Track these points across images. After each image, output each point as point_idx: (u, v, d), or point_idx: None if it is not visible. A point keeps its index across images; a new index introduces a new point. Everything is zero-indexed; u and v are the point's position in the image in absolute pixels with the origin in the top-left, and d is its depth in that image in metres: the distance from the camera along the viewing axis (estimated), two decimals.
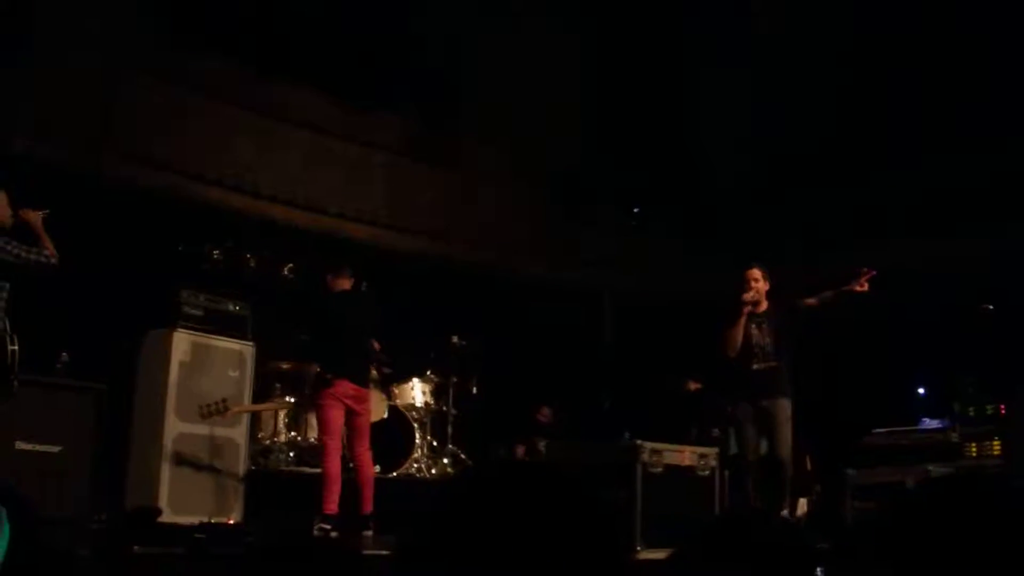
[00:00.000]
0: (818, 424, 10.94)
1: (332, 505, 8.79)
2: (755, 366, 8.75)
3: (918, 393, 12.42)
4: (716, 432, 11.63)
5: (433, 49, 14.46)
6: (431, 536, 2.03)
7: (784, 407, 8.68)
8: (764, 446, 8.94)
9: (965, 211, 12.89)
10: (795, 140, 14.42)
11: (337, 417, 9.15)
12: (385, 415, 11.17)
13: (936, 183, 13.29)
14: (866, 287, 8.56)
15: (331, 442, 9.10)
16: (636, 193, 15.58)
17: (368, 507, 9.00)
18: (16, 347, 7.05)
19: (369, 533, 8.84)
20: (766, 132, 14.94)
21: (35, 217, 7.29)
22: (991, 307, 11.31)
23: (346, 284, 9.58)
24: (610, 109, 15.45)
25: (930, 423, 11.09)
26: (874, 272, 8.55)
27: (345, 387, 9.15)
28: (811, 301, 8.83)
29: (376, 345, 10.12)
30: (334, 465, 8.99)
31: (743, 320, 8.79)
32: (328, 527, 8.71)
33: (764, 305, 8.96)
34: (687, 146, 15.66)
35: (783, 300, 8.95)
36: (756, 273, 8.95)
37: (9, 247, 7.01)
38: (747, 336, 8.81)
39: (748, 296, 8.81)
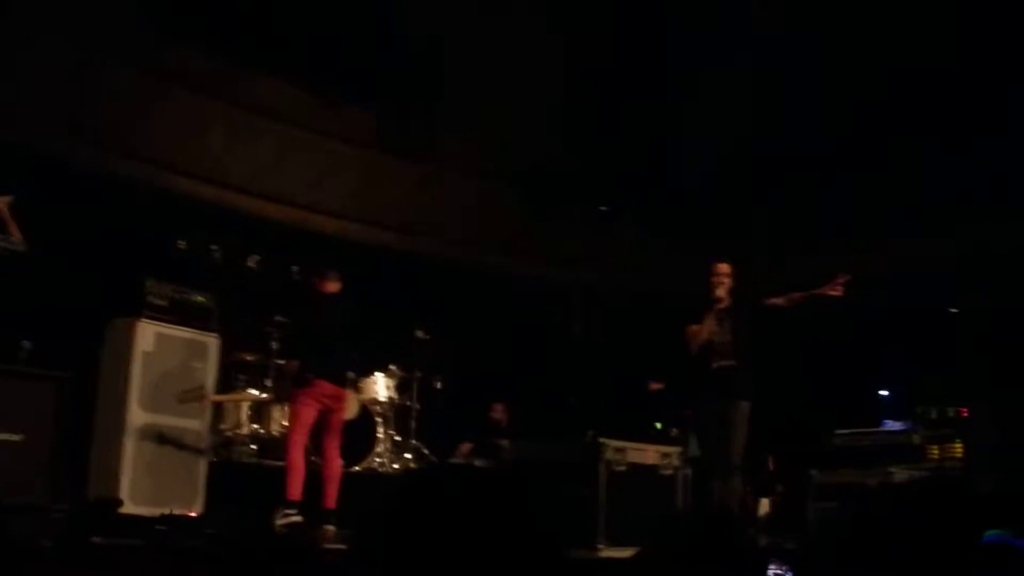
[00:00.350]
0: (781, 424, 11.00)
1: (295, 492, 8.85)
2: (714, 364, 8.69)
3: (880, 395, 12.50)
4: (675, 432, 11.68)
5: (408, 43, 14.42)
6: (380, 536, 2.05)
7: (741, 409, 8.60)
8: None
9: (928, 212, 12.94)
10: (766, 140, 14.45)
11: (309, 415, 9.20)
12: (355, 414, 11.15)
13: (897, 184, 13.35)
14: (840, 292, 8.52)
15: (297, 437, 9.16)
16: (607, 190, 15.57)
17: (331, 503, 9.01)
18: None
19: (331, 528, 8.84)
20: (738, 131, 14.97)
21: (1, 203, 7.24)
22: (954, 309, 11.43)
23: (334, 287, 9.58)
24: (583, 106, 15.43)
25: (892, 425, 11.18)
26: (850, 278, 8.52)
27: (323, 387, 9.20)
28: (777, 300, 8.77)
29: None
30: (298, 456, 9.05)
31: (710, 315, 8.74)
32: (292, 512, 8.73)
33: (726, 301, 8.87)
34: (659, 144, 15.66)
35: (746, 298, 8.89)
36: (724, 268, 8.90)
37: None
38: (708, 333, 8.76)
39: (720, 291, 8.76)
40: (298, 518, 8.74)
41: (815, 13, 13.73)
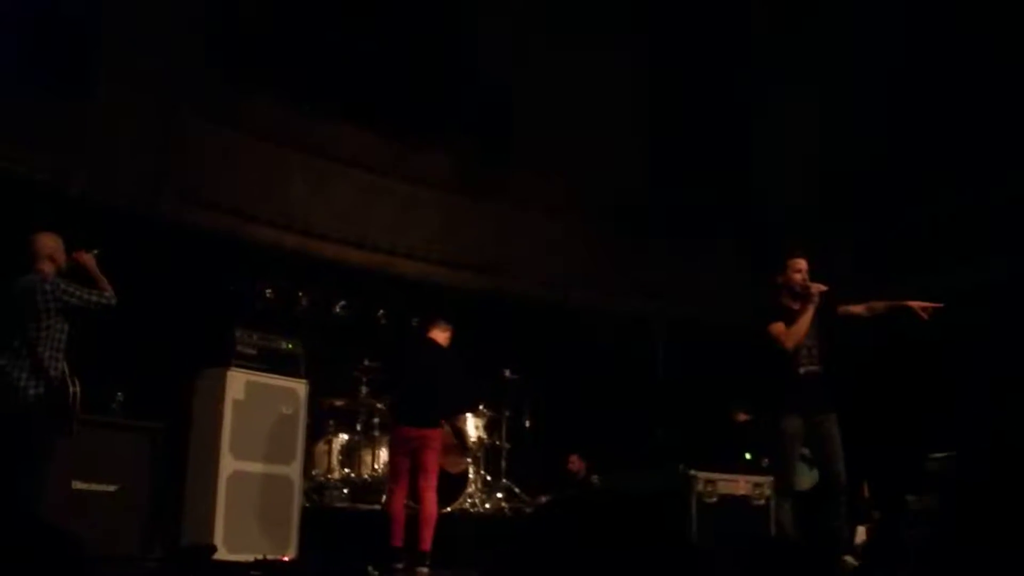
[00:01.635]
0: (875, 447, 10.82)
1: (393, 539, 8.98)
2: (801, 370, 7.93)
3: None
4: (766, 463, 11.53)
5: (483, 82, 14.55)
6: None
7: (835, 421, 7.91)
8: (813, 473, 8.50)
9: (1012, 239, 12.76)
10: (850, 169, 14.36)
11: (397, 462, 9.41)
12: (463, 468, 11.19)
13: (982, 211, 13.18)
14: (926, 316, 8.02)
15: (391, 483, 9.43)
16: (689, 223, 15.51)
17: (426, 545, 9.02)
18: (78, 389, 7.14)
19: (425, 570, 8.85)
20: (824, 162, 14.90)
21: (89, 259, 7.39)
22: None
23: (438, 335, 9.69)
24: (664, 137, 15.44)
25: None
26: (941, 306, 8.03)
27: (403, 432, 9.36)
28: (856, 309, 8.14)
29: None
30: (390, 505, 9.23)
31: (812, 308, 7.88)
32: (393, 561, 8.81)
33: (817, 300, 8.03)
34: (742, 174, 15.61)
35: (826, 302, 8.00)
36: (803, 264, 8.14)
37: (71, 290, 7.10)
38: (806, 329, 7.94)
39: (817, 286, 7.90)
40: (399, 565, 8.80)
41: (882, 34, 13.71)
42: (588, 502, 2.10)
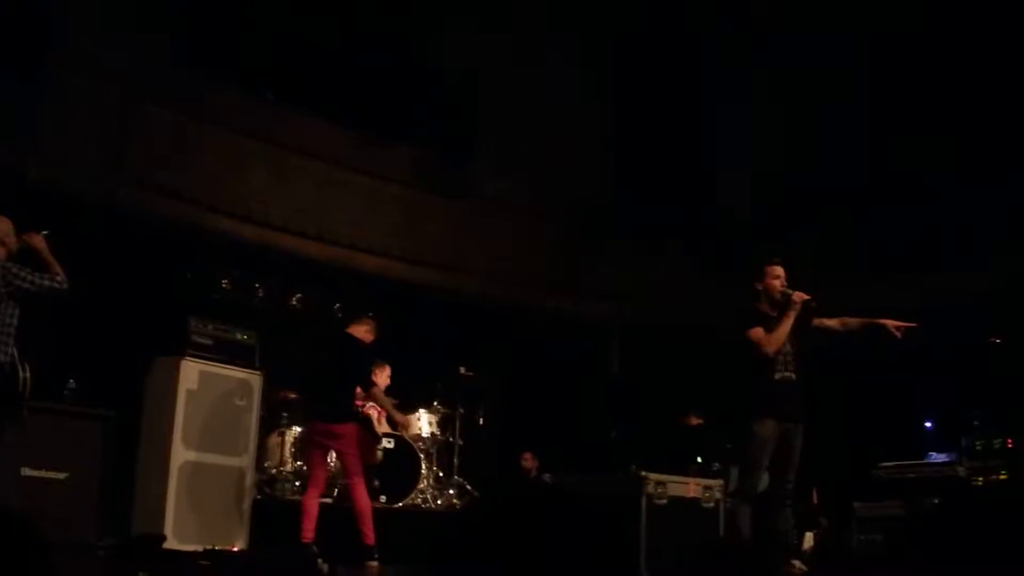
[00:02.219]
0: (825, 456, 10.90)
1: (304, 534, 8.92)
2: (777, 375, 7.85)
3: (925, 427, 12.42)
4: (716, 466, 11.61)
5: (448, 82, 14.56)
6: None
7: (801, 432, 7.87)
8: (764, 477, 8.50)
9: (968, 246, 12.90)
10: (802, 175, 14.46)
11: (310, 456, 9.59)
12: (376, 459, 11.09)
13: (941, 218, 13.32)
14: (900, 335, 8.02)
15: (308, 478, 9.52)
16: (647, 226, 15.58)
17: (368, 539, 9.00)
18: (28, 375, 7.08)
19: (374, 564, 8.85)
20: (775, 166, 14.99)
21: (39, 240, 7.30)
22: (998, 340, 11.32)
23: (356, 329, 9.66)
24: (624, 143, 15.52)
25: (937, 457, 11.09)
26: (915, 325, 8.04)
27: (314, 427, 9.42)
28: (830, 323, 8.09)
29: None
30: (303, 498, 9.22)
31: (793, 315, 7.79)
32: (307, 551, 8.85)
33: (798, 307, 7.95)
34: (700, 180, 15.70)
35: (805, 311, 7.89)
36: (781, 270, 8.05)
37: (23, 274, 7.04)
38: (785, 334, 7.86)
39: (800, 294, 7.83)
40: (321, 560, 8.80)
41: (845, 47, 13.81)
42: (509, 502, 2.15)
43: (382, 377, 11.39)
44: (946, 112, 13.09)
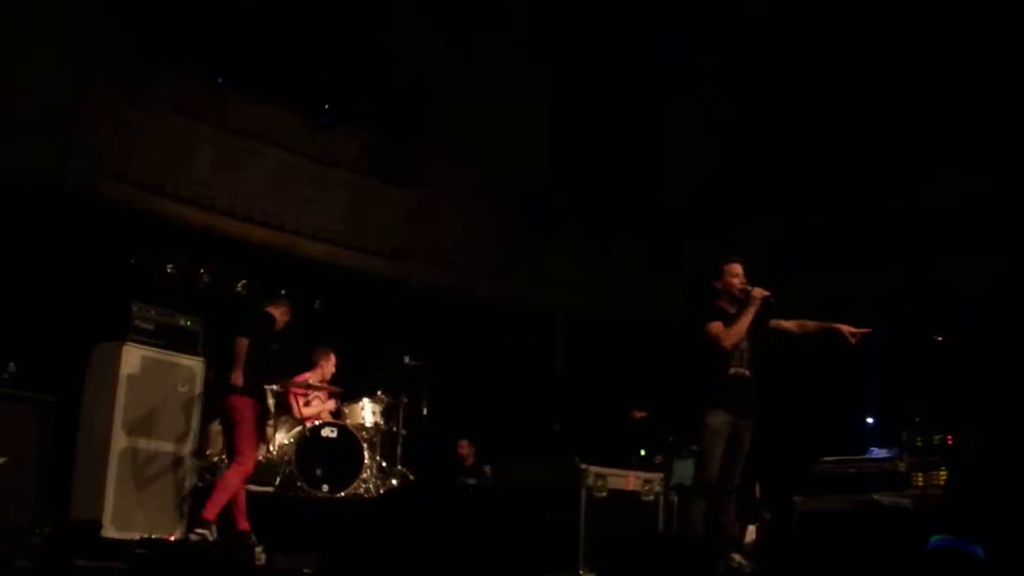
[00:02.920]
0: (768, 450, 10.98)
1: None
2: (732, 370, 7.95)
3: (867, 422, 12.50)
4: (659, 459, 11.65)
5: (398, 68, 14.49)
6: (349, 558, 2.05)
7: (751, 429, 8.02)
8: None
9: (913, 242, 13.02)
10: (755, 168, 14.53)
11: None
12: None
13: (883, 215, 13.43)
14: (856, 341, 8.09)
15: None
16: (597, 219, 15.61)
17: (207, 512, 8.90)
18: None
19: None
20: (726, 160, 15.05)
21: None
22: (941, 337, 11.42)
23: (273, 309, 9.59)
24: (574, 133, 15.51)
25: (878, 452, 11.16)
26: (869, 331, 8.12)
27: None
28: (787, 324, 8.21)
29: None
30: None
31: (752, 311, 7.86)
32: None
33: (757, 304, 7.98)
34: (650, 175, 15.73)
35: (764, 307, 7.96)
36: (739, 268, 8.12)
37: None
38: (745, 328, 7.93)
39: (759, 290, 7.87)
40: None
41: (788, 40, 13.90)
42: (418, 495, 2.12)
43: (328, 365, 11.36)
44: (877, 112, 13.23)
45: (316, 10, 13.73)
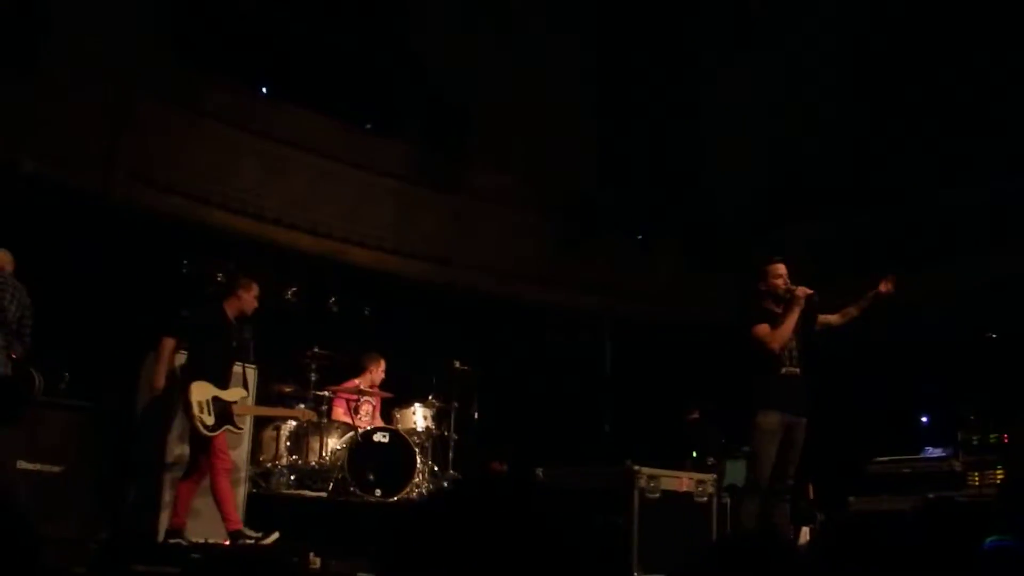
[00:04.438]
0: (820, 451, 10.90)
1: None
2: (784, 370, 7.91)
3: (921, 422, 12.40)
4: (711, 460, 11.60)
5: (441, 76, 14.54)
6: (407, 556, 2.04)
7: (805, 428, 7.97)
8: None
9: (963, 241, 12.91)
10: (800, 171, 14.46)
11: None
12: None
13: (932, 214, 13.32)
14: (891, 288, 8.05)
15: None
16: (641, 221, 15.59)
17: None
18: (41, 378, 7.07)
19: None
20: (771, 163, 14.99)
21: None
22: (993, 335, 11.30)
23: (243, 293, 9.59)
24: (617, 140, 15.51)
25: (933, 452, 11.05)
26: (895, 276, 8.09)
27: None
28: (831, 318, 8.22)
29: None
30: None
31: (797, 311, 7.85)
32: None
33: (802, 304, 7.98)
34: (693, 177, 15.70)
35: (809, 305, 7.99)
36: (783, 268, 8.10)
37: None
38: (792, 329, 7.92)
39: (803, 289, 7.89)
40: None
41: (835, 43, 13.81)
42: (465, 494, 2.10)
43: (377, 371, 11.39)
44: (927, 109, 13.14)
45: (360, 19, 13.79)
